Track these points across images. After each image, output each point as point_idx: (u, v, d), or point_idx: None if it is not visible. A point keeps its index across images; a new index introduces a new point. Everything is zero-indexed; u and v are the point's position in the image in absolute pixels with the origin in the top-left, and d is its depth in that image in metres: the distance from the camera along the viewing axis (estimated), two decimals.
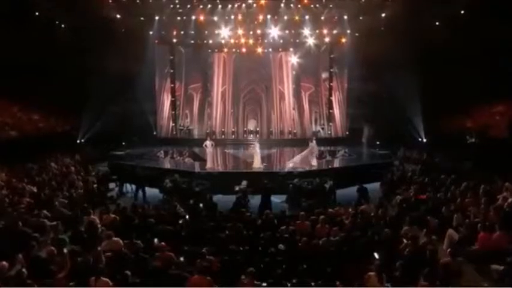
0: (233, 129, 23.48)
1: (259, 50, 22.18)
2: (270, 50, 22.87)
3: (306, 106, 23.62)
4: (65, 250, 7.27)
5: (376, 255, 7.03)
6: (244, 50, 22.30)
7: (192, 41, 22.40)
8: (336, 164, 17.44)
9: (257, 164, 15.62)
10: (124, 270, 6.33)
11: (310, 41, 21.72)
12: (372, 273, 6.22)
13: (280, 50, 23.13)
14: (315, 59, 23.04)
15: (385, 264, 6.44)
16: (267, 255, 7.00)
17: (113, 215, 9.58)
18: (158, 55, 22.67)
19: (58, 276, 6.47)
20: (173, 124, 23.55)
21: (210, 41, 22.17)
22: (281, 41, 22.18)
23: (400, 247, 7.42)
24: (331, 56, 23.11)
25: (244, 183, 12.43)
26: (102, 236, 8.10)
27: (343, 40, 22.14)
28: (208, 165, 15.67)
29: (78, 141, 20.30)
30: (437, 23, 18.97)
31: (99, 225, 8.98)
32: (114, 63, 18.58)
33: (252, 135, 23.21)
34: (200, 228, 8.64)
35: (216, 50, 23.11)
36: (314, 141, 16.39)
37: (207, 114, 23.62)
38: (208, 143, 15.96)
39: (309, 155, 15.89)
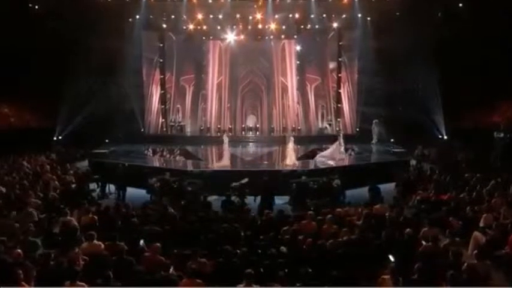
0: (230, 126, 23.31)
1: (259, 37, 22.09)
2: (271, 37, 22.71)
3: (312, 100, 23.53)
4: (37, 254, 7.24)
5: (391, 258, 6.99)
6: (242, 37, 22.17)
7: (184, 27, 22.22)
8: (345, 162, 17.37)
9: (290, 161, 15.75)
10: (104, 273, 6.23)
11: (317, 27, 21.65)
12: (386, 276, 6.18)
13: (282, 36, 22.96)
14: (322, 47, 23.03)
15: (401, 267, 6.34)
16: (268, 258, 6.92)
17: (91, 216, 9.56)
18: (146, 42, 22.59)
19: (26, 282, 6.37)
20: (163, 120, 23.44)
21: (204, 27, 22.01)
22: (284, 27, 22.11)
23: (419, 249, 7.35)
24: (340, 43, 22.97)
25: (245, 180, 12.40)
26: (79, 238, 8.09)
27: (354, 25, 22.05)
28: (223, 162, 15.66)
29: (54, 138, 20.19)
30: (460, 5, 18.81)
31: (76, 227, 8.95)
32: (96, 52, 18.50)
33: (251, 133, 23.14)
34: (192, 228, 8.60)
35: (210, 37, 23.00)
36: (341, 135, 16.81)
37: (201, 109, 23.56)
38: (225, 138, 16.15)
39: (336, 150, 16.44)
